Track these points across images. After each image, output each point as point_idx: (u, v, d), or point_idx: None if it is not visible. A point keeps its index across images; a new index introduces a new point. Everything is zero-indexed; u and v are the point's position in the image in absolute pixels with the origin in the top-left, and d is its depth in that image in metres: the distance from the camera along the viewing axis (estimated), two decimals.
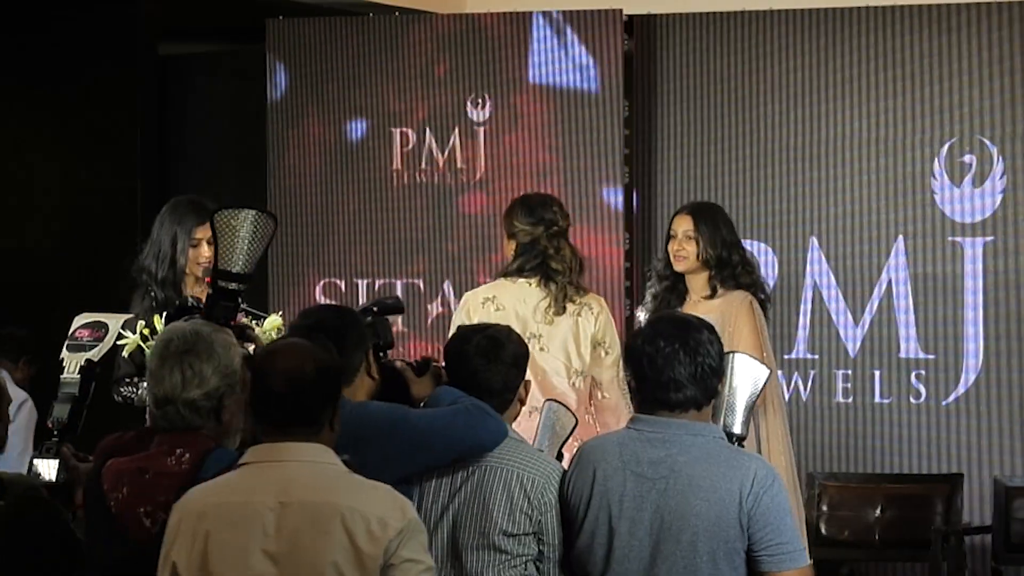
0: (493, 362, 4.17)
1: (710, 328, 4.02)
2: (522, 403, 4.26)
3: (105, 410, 4.79)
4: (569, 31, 7.60)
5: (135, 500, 3.67)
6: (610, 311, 5.73)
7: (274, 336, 4.86)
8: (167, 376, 3.70)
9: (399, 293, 7.66)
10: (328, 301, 7.68)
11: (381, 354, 4.26)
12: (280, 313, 5.15)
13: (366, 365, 4.10)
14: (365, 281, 7.88)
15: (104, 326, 4.50)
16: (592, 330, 5.72)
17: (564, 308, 5.67)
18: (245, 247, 4.16)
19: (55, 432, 4.24)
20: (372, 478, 3.49)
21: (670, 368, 3.92)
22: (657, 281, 6.04)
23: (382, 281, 7.85)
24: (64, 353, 4.48)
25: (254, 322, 4.96)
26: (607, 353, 5.76)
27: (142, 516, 3.66)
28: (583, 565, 4.04)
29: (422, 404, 4.21)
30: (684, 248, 5.92)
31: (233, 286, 4.17)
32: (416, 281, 7.77)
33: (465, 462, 4.09)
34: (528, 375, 4.31)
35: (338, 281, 7.92)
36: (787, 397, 7.22)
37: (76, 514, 3.99)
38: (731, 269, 5.84)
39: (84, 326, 4.54)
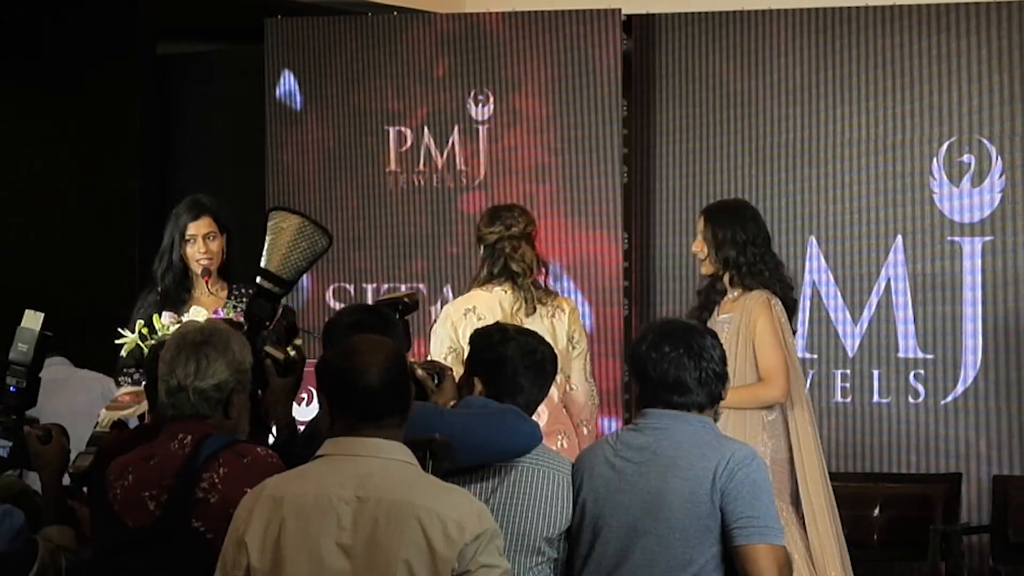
0: (533, 369, 4.21)
1: (713, 334, 4.09)
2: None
3: None
4: (568, 30, 7.66)
5: (141, 485, 3.76)
6: (607, 311, 5.98)
7: None
8: (181, 365, 3.79)
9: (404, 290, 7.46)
10: (338, 305, 7.78)
11: None
12: None
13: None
14: (372, 285, 7.96)
15: (142, 395, 4.61)
16: (566, 329, 5.90)
17: (534, 308, 5.83)
18: (284, 250, 4.24)
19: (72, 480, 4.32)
20: None
21: (676, 372, 4.00)
22: (703, 282, 6.09)
23: (386, 285, 7.92)
24: (103, 411, 4.78)
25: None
26: (575, 347, 5.92)
27: (147, 500, 3.74)
28: (572, 549, 4.13)
29: None
30: (702, 249, 5.95)
31: (267, 285, 4.23)
32: (419, 285, 7.83)
33: (495, 465, 4.10)
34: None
35: (347, 285, 7.99)
36: None
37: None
38: (737, 270, 5.83)
39: (127, 392, 4.92)
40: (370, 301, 7.66)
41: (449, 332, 5.76)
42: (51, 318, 4.40)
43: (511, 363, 4.21)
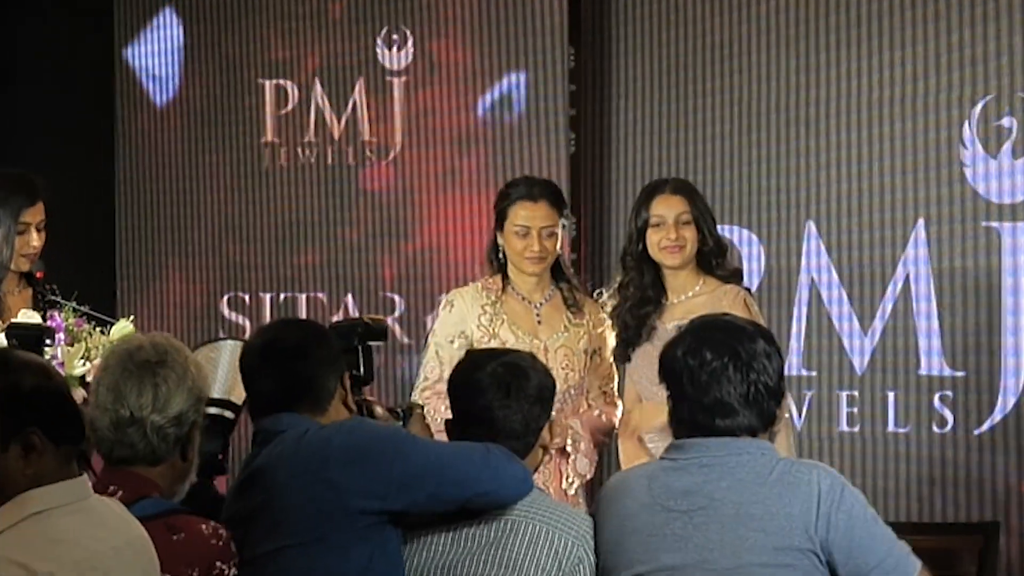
0: (512, 396, 4.08)
1: (768, 337, 3.92)
2: (545, 450, 4.19)
3: None
4: None
5: None
6: None
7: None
8: (133, 392, 3.68)
9: (302, 303, 7.73)
10: (236, 317, 7.82)
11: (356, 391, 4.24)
12: (132, 319, 5.09)
13: (342, 393, 4.02)
14: (268, 294, 7.83)
15: None
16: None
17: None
18: (225, 374, 4.38)
19: None
20: (356, 510, 3.66)
21: (717, 387, 3.84)
22: (632, 289, 5.70)
23: (285, 294, 7.80)
24: None
25: (98, 329, 5.05)
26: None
27: None
28: None
29: None
30: (683, 236, 5.58)
31: (219, 411, 4.23)
32: (319, 294, 7.72)
33: (476, 513, 3.95)
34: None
35: (239, 292, 7.89)
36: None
37: None
38: (721, 257, 5.65)
39: None
40: (268, 314, 7.77)
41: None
42: None
43: (485, 394, 4.14)
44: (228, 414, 4.26)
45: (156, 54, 7.96)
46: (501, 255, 5.53)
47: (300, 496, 3.71)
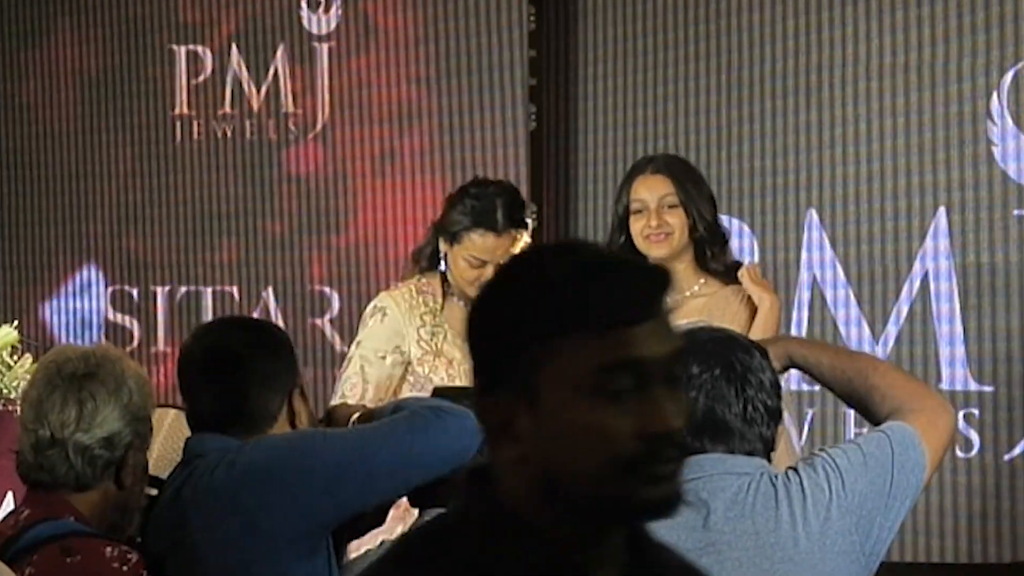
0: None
1: (762, 351, 3.71)
2: None
3: None
4: None
5: None
6: None
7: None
8: (55, 408, 3.54)
9: (208, 299, 7.57)
10: (117, 315, 7.70)
11: None
12: (15, 325, 5.29)
13: (289, 412, 3.77)
14: (164, 287, 7.61)
15: None
16: None
17: None
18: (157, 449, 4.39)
19: None
20: (280, 530, 3.47)
21: (709, 404, 3.56)
22: None
23: (185, 288, 7.59)
24: None
25: None
26: None
27: None
28: None
29: None
30: (667, 223, 5.29)
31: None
32: (230, 288, 7.48)
33: None
34: None
35: (129, 288, 7.65)
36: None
37: None
38: (720, 248, 5.40)
39: None
40: (160, 307, 7.57)
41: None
42: None
43: None
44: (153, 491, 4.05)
45: (45, 16, 7.79)
46: (441, 261, 5.29)
47: (212, 534, 3.51)
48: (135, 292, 7.74)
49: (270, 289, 7.51)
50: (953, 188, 6.46)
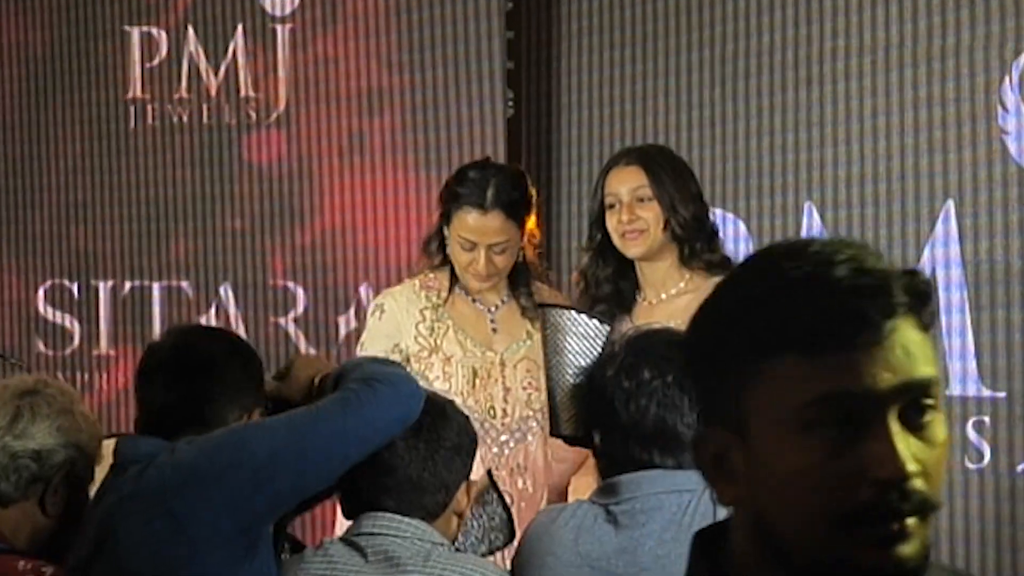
0: (423, 439, 3.79)
1: None
2: (460, 517, 3.86)
3: None
4: None
5: None
6: None
7: None
8: None
9: (156, 295, 7.34)
10: (55, 313, 7.45)
11: None
12: None
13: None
14: (107, 282, 7.40)
15: None
16: None
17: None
18: None
19: None
20: (208, 532, 3.41)
21: (659, 413, 3.51)
22: (595, 284, 5.32)
23: (130, 284, 7.35)
24: None
25: None
26: None
27: None
28: None
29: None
30: (639, 217, 5.13)
31: None
32: (182, 283, 7.30)
33: (381, 562, 3.69)
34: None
35: (67, 282, 7.47)
36: None
37: None
38: (706, 243, 5.27)
39: None
40: (103, 304, 7.36)
41: None
42: None
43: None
44: None
45: None
46: (447, 249, 5.13)
47: (138, 538, 3.47)
48: (75, 288, 7.53)
49: (227, 285, 7.30)
50: (963, 183, 6.20)
